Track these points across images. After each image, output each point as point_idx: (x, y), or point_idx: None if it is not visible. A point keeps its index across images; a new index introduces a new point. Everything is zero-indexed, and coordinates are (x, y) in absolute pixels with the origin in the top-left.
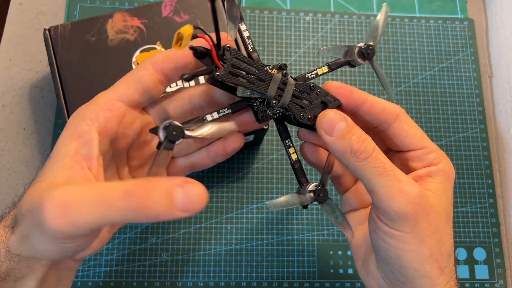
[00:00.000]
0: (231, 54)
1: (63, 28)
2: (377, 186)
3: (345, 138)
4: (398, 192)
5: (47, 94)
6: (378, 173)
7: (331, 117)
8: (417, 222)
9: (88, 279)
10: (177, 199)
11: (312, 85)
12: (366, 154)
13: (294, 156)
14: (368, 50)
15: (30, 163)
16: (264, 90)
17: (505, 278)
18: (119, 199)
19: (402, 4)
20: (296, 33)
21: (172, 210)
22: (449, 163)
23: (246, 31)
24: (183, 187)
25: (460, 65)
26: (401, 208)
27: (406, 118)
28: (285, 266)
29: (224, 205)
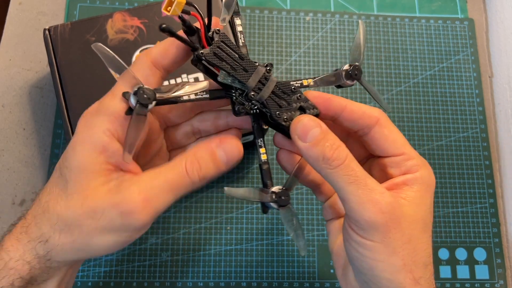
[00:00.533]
0: (220, 37)
1: (63, 28)
2: (348, 195)
3: (318, 145)
4: (369, 201)
5: (47, 94)
6: (349, 181)
7: (305, 123)
8: (388, 231)
9: (88, 279)
10: (221, 158)
11: (294, 87)
12: (338, 161)
13: (264, 156)
14: (355, 71)
15: (30, 163)
16: (245, 79)
17: (505, 278)
18: (183, 179)
19: (402, 4)
20: (296, 33)
21: (219, 168)
22: (429, 171)
23: (240, 26)
24: (221, 147)
25: (460, 65)
26: (371, 217)
27: (387, 123)
28: (285, 266)
29: (224, 205)
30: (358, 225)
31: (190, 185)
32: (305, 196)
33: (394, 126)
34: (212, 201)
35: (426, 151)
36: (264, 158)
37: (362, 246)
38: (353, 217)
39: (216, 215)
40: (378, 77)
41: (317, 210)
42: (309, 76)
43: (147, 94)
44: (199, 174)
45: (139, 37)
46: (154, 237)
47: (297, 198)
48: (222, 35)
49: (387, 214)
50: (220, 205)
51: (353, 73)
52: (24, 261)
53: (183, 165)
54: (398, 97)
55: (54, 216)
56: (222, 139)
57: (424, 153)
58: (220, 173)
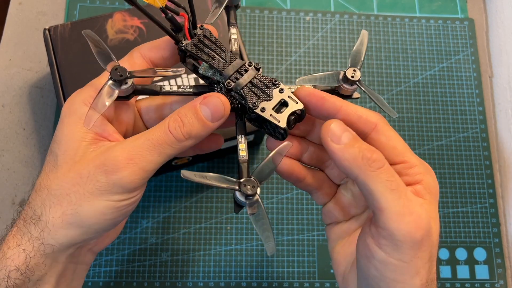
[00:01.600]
0: (203, 31)
1: (63, 28)
2: (387, 203)
3: (355, 146)
4: (410, 213)
5: (47, 94)
6: (391, 188)
7: (336, 126)
8: (420, 249)
9: (88, 279)
10: (205, 114)
11: (275, 80)
12: (379, 163)
13: (242, 152)
14: (352, 74)
15: (30, 163)
16: (222, 68)
17: (505, 278)
18: (165, 137)
19: (402, 4)
20: (296, 33)
21: (206, 124)
22: (433, 177)
23: (235, 34)
24: (204, 103)
25: (460, 65)
26: (410, 232)
27: (385, 129)
28: (285, 266)
29: (224, 205)
30: (392, 239)
31: (174, 142)
32: (305, 196)
33: (393, 131)
34: (212, 201)
35: (426, 151)
36: (242, 154)
37: (386, 265)
38: (389, 229)
39: (216, 215)
40: (378, 77)
41: (317, 210)
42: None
43: (121, 71)
44: (182, 130)
45: (139, 37)
46: (154, 237)
47: (297, 198)
48: (205, 30)
49: (425, 230)
50: (220, 205)
51: (349, 75)
52: (20, 249)
53: (166, 123)
54: (398, 97)
55: (44, 191)
56: (205, 96)
57: (424, 153)
58: (207, 129)
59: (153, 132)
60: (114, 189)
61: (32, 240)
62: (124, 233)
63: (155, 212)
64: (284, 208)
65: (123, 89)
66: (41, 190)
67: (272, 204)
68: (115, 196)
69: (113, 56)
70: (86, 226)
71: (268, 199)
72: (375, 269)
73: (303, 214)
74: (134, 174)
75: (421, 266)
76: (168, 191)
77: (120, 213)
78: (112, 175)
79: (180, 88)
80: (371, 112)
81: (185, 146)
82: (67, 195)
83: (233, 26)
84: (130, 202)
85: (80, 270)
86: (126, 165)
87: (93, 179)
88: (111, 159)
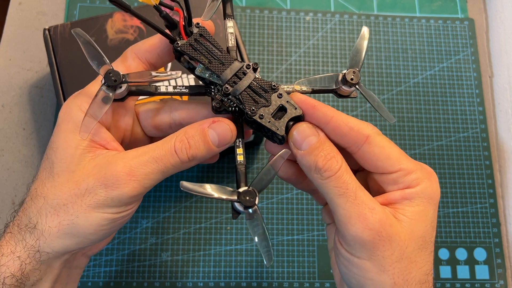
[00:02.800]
0: (199, 30)
1: (62, 28)
2: (336, 207)
3: (312, 154)
4: (357, 216)
5: (46, 94)
6: (338, 194)
7: (302, 130)
8: (376, 249)
9: (88, 279)
10: (212, 139)
11: (274, 84)
12: (329, 173)
13: (240, 157)
14: (352, 76)
15: (30, 163)
16: (219, 71)
17: (505, 278)
18: (170, 157)
19: (402, 4)
20: (296, 33)
21: (210, 149)
22: (431, 183)
23: (231, 28)
24: (212, 128)
25: (460, 65)
26: (357, 233)
27: (378, 140)
28: (285, 266)
29: (224, 205)
30: (345, 240)
31: (178, 163)
32: (305, 196)
33: (387, 140)
34: (212, 201)
35: (426, 151)
36: (240, 159)
37: (350, 262)
38: (340, 230)
39: (216, 215)
40: (378, 77)
41: (317, 210)
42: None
43: (114, 76)
44: (188, 153)
45: (139, 37)
46: (154, 237)
47: (297, 198)
48: (201, 28)
49: (375, 231)
50: (220, 205)
51: (348, 78)
52: (15, 256)
53: (172, 142)
54: (398, 97)
55: (41, 199)
56: (215, 120)
57: (424, 153)
58: (211, 154)
59: (158, 151)
60: (112, 203)
61: (28, 248)
62: (124, 233)
63: (155, 212)
64: (284, 208)
65: (118, 93)
66: (37, 198)
67: (272, 204)
68: (113, 209)
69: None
70: (82, 236)
71: (268, 199)
72: (344, 266)
73: (303, 214)
74: (134, 191)
75: (388, 264)
76: (168, 191)
77: (116, 224)
78: (112, 190)
79: (176, 89)
80: (363, 123)
81: (187, 166)
82: (64, 205)
83: (230, 18)
84: (126, 213)
85: (74, 274)
86: (127, 182)
87: (92, 192)
88: (112, 174)
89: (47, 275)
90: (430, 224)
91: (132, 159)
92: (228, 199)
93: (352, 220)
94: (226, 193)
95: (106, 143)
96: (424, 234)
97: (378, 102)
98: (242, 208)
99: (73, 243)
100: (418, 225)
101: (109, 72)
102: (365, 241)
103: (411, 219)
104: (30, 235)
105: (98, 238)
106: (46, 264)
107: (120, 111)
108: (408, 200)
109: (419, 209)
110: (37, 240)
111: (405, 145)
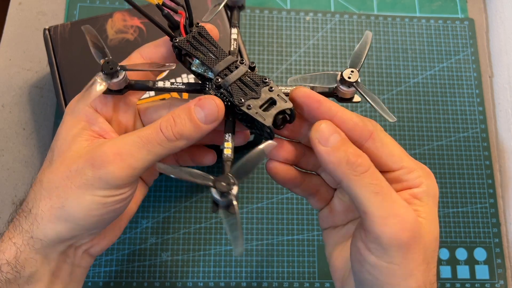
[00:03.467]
0: (198, 29)
1: (62, 28)
2: (371, 207)
3: (340, 149)
4: (394, 215)
5: (46, 94)
6: (375, 191)
7: (325, 127)
8: (409, 251)
9: (88, 279)
10: (198, 115)
11: (265, 78)
12: (363, 168)
13: (227, 151)
14: (349, 75)
15: (30, 163)
16: (212, 64)
17: (505, 278)
18: (156, 135)
19: (402, 4)
20: (296, 33)
21: (198, 126)
22: (432, 180)
23: (235, 34)
24: (198, 105)
25: (460, 65)
26: (395, 234)
27: (381, 137)
28: (285, 266)
29: None
30: (378, 243)
31: (164, 141)
32: None
33: (390, 138)
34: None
35: (426, 151)
36: (227, 152)
37: (378, 269)
38: (374, 232)
39: (216, 215)
40: (378, 77)
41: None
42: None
43: (112, 64)
44: (173, 130)
45: (139, 37)
46: (154, 237)
47: (297, 198)
48: (200, 27)
49: (411, 232)
50: None
51: (346, 76)
52: (11, 242)
53: (158, 122)
54: (398, 97)
55: (38, 184)
56: (201, 98)
57: (424, 153)
58: (199, 131)
59: (144, 130)
60: (100, 184)
61: (23, 233)
62: (124, 233)
63: (155, 212)
64: (284, 208)
65: (114, 82)
66: (35, 184)
67: (272, 204)
68: (101, 192)
69: (108, 53)
70: (73, 221)
71: (268, 199)
72: (368, 273)
73: (303, 214)
74: (120, 170)
75: (414, 268)
76: (168, 191)
77: (107, 210)
78: (98, 169)
79: (173, 85)
80: (367, 120)
81: (176, 146)
82: (56, 188)
83: (234, 26)
84: (116, 199)
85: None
86: (113, 160)
87: (81, 173)
88: (99, 154)
89: (43, 267)
90: (438, 223)
91: (120, 139)
92: (203, 183)
93: (390, 220)
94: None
95: (105, 133)
96: (438, 234)
97: (378, 102)
98: (219, 196)
99: (64, 229)
100: (433, 225)
101: (107, 61)
102: (402, 243)
103: (427, 219)
104: (26, 220)
105: (90, 225)
106: (41, 254)
107: (122, 107)
108: (418, 200)
109: (429, 209)
110: (31, 225)
111: (405, 145)
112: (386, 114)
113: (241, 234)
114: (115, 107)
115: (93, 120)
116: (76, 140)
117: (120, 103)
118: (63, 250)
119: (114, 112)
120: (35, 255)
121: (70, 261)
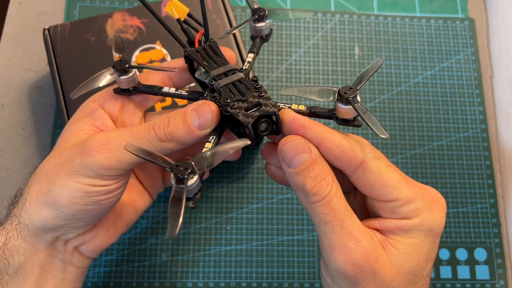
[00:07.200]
0: (209, 42)
1: (62, 27)
2: (320, 235)
3: (301, 174)
4: (341, 247)
5: (46, 94)
6: (324, 221)
7: (294, 145)
8: (358, 284)
9: (88, 280)
10: (192, 120)
11: (258, 85)
12: (317, 197)
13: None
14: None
15: (30, 163)
16: (210, 69)
17: (506, 279)
18: (148, 132)
19: (402, 3)
20: (296, 33)
21: (191, 130)
22: (434, 214)
23: (250, 58)
24: (194, 109)
25: (460, 65)
26: (339, 266)
27: (374, 166)
28: (285, 266)
29: (224, 206)
30: (327, 269)
31: (155, 140)
32: None
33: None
34: (212, 201)
35: (426, 151)
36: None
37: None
38: (324, 257)
39: (216, 215)
40: (378, 77)
41: None
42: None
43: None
44: (165, 130)
45: (138, 36)
46: (154, 237)
47: (297, 198)
48: (212, 42)
49: (358, 266)
50: (220, 205)
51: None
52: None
53: (153, 121)
54: (398, 97)
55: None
56: (199, 102)
57: (424, 153)
58: (191, 137)
59: (138, 126)
60: (85, 171)
61: (12, 218)
62: (124, 233)
63: (155, 212)
64: (284, 208)
65: (123, 78)
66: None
67: (272, 204)
68: (86, 179)
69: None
70: (57, 207)
71: (268, 199)
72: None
73: (303, 214)
74: (105, 159)
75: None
76: (168, 191)
77: (91, 201)
78: (86, 157)
79: (177, 91)
80: (358, 145)
81: (165, 147)
82: (46, 174)
83: (252, 52)
84: (100, 190)
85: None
86: (100, 149)
87: (70, 160)
88: (89, 143)
89: (32, 258)
90: (424, 258)
91: (113, 132)
92: (161, 165)
93: (335, 251)
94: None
95: (106, 129)
96: (413, 269)
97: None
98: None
99: (49, 215)
100: (409, 260)
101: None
102: (347, 275)
103: (401, 252)
104: (16, 204)
105: (74, 214)
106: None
107: (130, 109)
108: (403, 232)
109: (413, 242)
110: (20, 210)
111: (405, 145)
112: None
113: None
114: (123, 109)
115: (97, 116)
116: (77, 133)
117: (130, 105)
118: (50, 241)
119: (120, 113)
120: (22, 242)
121: (61, 257)
